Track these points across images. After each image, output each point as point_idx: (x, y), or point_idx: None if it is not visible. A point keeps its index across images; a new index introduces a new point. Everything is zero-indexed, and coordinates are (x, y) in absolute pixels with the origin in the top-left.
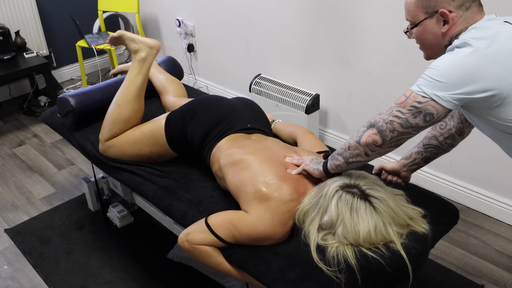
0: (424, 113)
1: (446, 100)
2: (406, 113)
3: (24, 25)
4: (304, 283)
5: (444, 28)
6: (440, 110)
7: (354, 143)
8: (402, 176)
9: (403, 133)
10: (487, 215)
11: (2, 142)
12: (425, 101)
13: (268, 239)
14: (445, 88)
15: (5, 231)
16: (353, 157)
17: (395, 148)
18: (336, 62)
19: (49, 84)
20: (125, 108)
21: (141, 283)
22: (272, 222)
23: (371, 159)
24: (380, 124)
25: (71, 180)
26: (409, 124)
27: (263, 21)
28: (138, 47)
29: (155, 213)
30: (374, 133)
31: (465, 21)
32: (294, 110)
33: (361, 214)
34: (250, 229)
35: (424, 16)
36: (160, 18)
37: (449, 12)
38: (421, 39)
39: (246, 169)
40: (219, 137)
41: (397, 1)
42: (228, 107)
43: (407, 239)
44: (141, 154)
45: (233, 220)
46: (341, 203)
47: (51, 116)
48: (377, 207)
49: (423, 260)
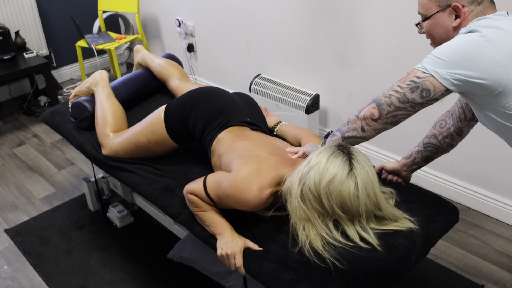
0: (422, 88)
1: (445, 77)
2: (404, 87)
3: (24, 25)
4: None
5: (456, 22)
6: (438, 87)
7: (354, 117)
8: (403, 176)
9: (400, 108)
10: (487, 215)
11: (2, 142)
12: (424, 76)
13: (242, 198)
14: (445, 66)
15: (5, 231)
16: (349, 131)
17: (391, 126)
18: (336, 62)
19: (49, 84)
20: (105, 107)
21: (141, 283)
22: (249, 179)
23: (366, 137)
24: (379, 98)
25: (71, 180)
26: (406, 98)
27: (263, 21)
28: (89, 82)
29: (155, 213)
30: (373, 107)
31: (476, 16)
32: (294, 110)
33: (337, 161)
34: (230, 183)
35: (436, 9)
36: (160, 18)
37: (462, 6)
38: (432, 32)
39: (237, 150)
40: (219, 128)
41: (397, 1)
42: (228, 99)
43: (391, 238)
44: (139, 144)
45: (220, 176)
46: (324, 151)
47: (51, 116)
48: (354, 165)
49: (411, 258)
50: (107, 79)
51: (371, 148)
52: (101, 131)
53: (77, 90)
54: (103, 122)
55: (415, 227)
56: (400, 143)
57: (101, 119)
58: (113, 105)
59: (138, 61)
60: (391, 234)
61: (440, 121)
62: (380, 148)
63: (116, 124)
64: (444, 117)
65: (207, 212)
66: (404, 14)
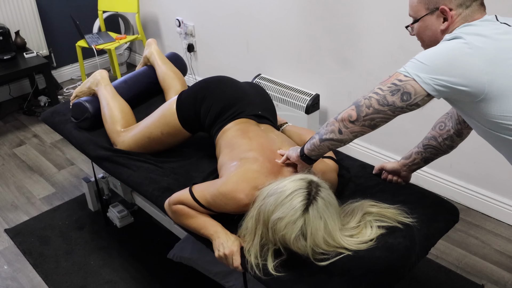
0: (403, 91)
1: (427, 82)
2: (385, 90)
3: (24, 25)
4: None
5: (443, 25)
6: (419, 91)
7: (333, 119)
8: (402, 176)
9: (378, 111)
10: (487, 215)
11: (2, 142)
12: (406, 80)
13: (230, 200)
14: (427, 71)
15: (5, 231)
16: (327, 133)
17: (369, 130)
18: (336, 62)
19: (49, 84)
20: (112, 105)
21: (141, 283)
22: (236, 184)
23: (343, 140)
24: (359, 100)
25: (71, 180)
26: (386, 101)
27: (263, 21)
28: (90, 82)
29: (155, 213)
30: (352, 109)
31: (464, 19)
32: (294, 110)
33: (295, 201)
34: (217, 189)
35: (425, 12)
36: (160, 18)
37: (450, 9)
38: (421, 35)
39: (234, 149)
40: (230, 119)
41: (397, 1)
42: (242, 90)
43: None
44: (152, 137)
45: (208, 185)
46: (295, 183)
47: (51, 116)
48: (310, 212)
49: (410, 257)
50: (107, 78)
51: (371, 148)
52: (111, 128)
53: (78, 90)
54: (112, 119)
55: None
56: (400, 143)
57: (110, 117)
58: (119, 102)
59: (146, 55)
60: (390, 233)
61: (439, 123)
62: (380, 148)
63: (125, 120)
64: (443, 119)
65: (195, 218)
66: (404, 14)
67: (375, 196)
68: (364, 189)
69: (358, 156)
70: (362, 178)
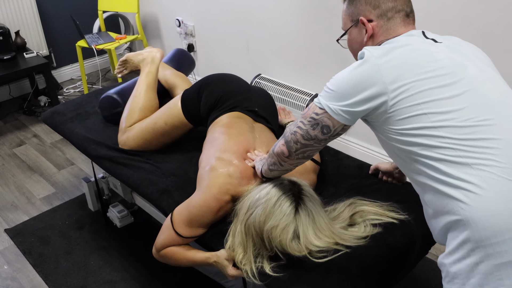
0: (321, 125)
1: (337, 113)
2: (306, 124)
3: (24, 25)
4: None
5: (366, 37)
6: (335, 123)
7: (271, 151)
8: (396, 178)
9: (306, 145)
10: None
11: (2, 142)
12: (321, 113)
13: (205, 210)
14: (336, 99)
15: (5, 231)
16: (272, 164)
17: (306, 159)
18: (336, 62)
19: (49, 84)
20: (140, 99)
21: (141, 283)
22: (209, 191)
23: (287, 169)
24: (287, 135)
25: (71, 180)
26: (309, 136)
27: (263, 21)
28: (143, 57)
29: (155, 213)
30: (282, 144)
31: (386, 32)
32: (294, 110)
33: (284, 207)
34: (193, 206)
35: (350, 24)
36: (160, 18)
37: (370, 21)
38: (350, 48)
39: (213, 147)
40: (225, 110)
41: None
42: (244, 87)
43: (390, 235)
44: (156, 128)
45: (184, 206)
46: (277, 189)
47: (51, 116)
48: (300, 213)
49: (410, 255)
50: (159, 63)
51: (370, 148)
52: (123, 121)
53: (130, 57)
54: (129, 114)
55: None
56: None
57: (128, 111)
58: (148, 98)
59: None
60: (389, 231)
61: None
62: (380, 148)
63: (142, 119)
64: None
65: (183, 254)
66: None
67: (370, 195)
68: (360, 188)
69: (358, 156)
70: (358, 177)
